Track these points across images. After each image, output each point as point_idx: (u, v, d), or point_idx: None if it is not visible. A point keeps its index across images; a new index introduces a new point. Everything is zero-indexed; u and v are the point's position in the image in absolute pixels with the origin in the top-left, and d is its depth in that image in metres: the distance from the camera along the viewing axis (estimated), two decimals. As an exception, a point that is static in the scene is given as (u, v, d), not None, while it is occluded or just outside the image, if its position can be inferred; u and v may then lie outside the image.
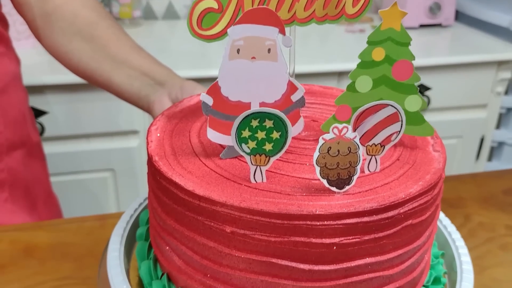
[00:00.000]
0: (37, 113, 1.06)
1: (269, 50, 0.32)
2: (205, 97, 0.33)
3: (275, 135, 0.31)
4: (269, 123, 0.30)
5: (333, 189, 0.31)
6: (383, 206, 0.30)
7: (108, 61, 0.61)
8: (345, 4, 0.34)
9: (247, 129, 0.30)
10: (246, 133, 0.30)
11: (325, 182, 0.30)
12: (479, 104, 1.34)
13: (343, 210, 0.29)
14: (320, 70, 1.16)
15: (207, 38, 0.33)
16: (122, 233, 0.41)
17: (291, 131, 0.31)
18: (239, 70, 0.32)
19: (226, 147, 0.35)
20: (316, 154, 0.30)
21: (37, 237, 0.60)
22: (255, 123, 0.30)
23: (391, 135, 0.33)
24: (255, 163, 0.32)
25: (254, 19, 0.31)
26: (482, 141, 1.39)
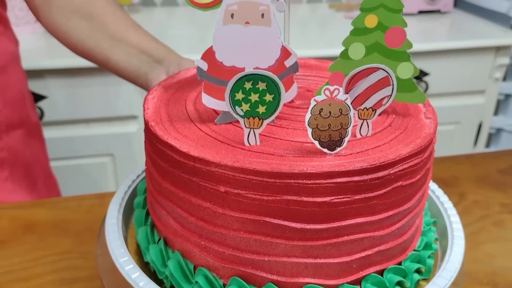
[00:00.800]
0: (36, 97, 1.06)
1: (263, 15, 0.32)
2: (200, 62, 0.33)
3: (268, 97, 0.31)
4: (262, 85, 0.31)
5: (325, 150, 0.31)
6: (373, 166, 0.30)
7: (106, 39, 0.61)
8: None
9: (241, 91, 0.31)
10: (239, 96, 0.31)
11: (316, 143, 0.31)
12: (477, 90, 1.34)
13: (334, 169, 0.30)
14: (319, 55, 1.16)
15: (203, 6, 0.34)
16: (120, 202, 0.42)
17: (284, 93, 0.31)
18: (233, 35, 0.32)
19: (221, 113, 0.35)
20: (308, 115, 0.30)
21: (37, 214, 0.61)
22: (248, 85, 0.31)
23: (383, 99, 0.33)
24: (248, 125, 0.32)
25: None
26: (480, 127, 1.39)
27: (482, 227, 0.61)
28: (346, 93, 0.32)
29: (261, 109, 0.32)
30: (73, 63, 1.03)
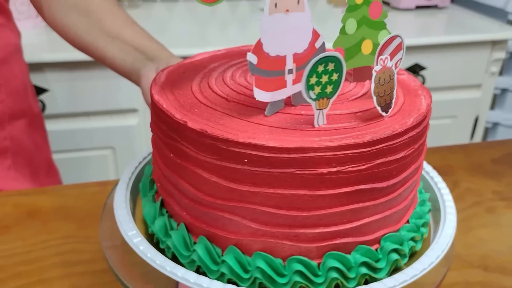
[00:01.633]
0: (37, 90, 1.07)
1: (298, 1, 0.33)
2: (251, 56, 0.33)
3: (335, 76, 0.33)
4: (331, 66, 0.32)
5: (383, 114, 0.34)
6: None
7: (102, 35, 0.62)
8: None
9: (314, 75, 0.32)
10: (313, 80, 0.32)
11: (379, 109, 0.34)
12: (473, 84, 1.36)
13: (400, 129, 0.33)
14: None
15: (209, 1, 0.35)
16: (127, 181, 0.43)
17: (345, 69, 0.33)
18: (278, 24, 0.33)
19: (269, 104, 0.35)
20: (372, 85, 0.33)
21: (40, 201, 0.62)
22: (321, 68, 0.32)
23: (397, 62, 0.37)
24: (319, 107, 0.33)
25: None
26: (476, 121, 1.41)
27: (474, 213, 0.62)
28: (377, 60, 0.35)
29: (329, 89, 0.33)
30: (74, 57, 1.04)
